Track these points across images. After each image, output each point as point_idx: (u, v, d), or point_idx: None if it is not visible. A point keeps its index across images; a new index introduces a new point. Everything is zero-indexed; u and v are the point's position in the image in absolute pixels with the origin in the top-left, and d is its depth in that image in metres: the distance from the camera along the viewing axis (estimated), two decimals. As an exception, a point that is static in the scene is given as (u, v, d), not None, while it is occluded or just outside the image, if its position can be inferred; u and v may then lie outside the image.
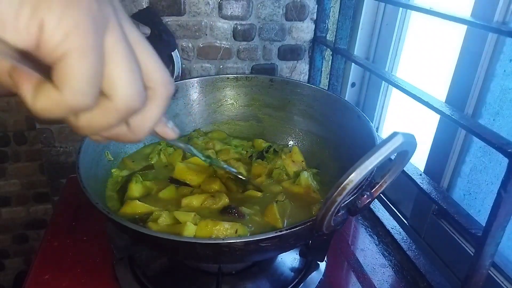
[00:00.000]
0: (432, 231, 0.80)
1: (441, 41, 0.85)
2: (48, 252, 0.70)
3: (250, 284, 0.63)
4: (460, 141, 0.74)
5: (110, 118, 0.25)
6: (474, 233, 0.52)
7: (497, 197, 0.47)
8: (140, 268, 0.65)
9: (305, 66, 1.06)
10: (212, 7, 0.93)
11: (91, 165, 0.61)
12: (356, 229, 0.81)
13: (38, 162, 1.36)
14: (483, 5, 0.66)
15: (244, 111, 0.83)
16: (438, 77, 0.83)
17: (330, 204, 0.40)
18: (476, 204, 0.73)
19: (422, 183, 0.64)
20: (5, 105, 1.26)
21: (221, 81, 0.81)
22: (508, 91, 0.65)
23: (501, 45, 0.65)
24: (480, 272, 0.52)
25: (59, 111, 0.23)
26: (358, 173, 0.37)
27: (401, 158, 0.43)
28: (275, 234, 0.44)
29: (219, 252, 0.45)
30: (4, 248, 1.48)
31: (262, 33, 0.99)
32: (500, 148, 0.47)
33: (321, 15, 0.99)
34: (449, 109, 0.59)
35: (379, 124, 1.06)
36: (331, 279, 0.67)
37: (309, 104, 0.77)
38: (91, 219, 0.77)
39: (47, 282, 0.64)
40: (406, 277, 0.69)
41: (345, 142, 0.69)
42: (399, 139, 0.37)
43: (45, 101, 0.22)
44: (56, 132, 0.97)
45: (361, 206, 0.46)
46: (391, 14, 0.96)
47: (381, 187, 0.46)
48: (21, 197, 1.41)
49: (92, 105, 0.24)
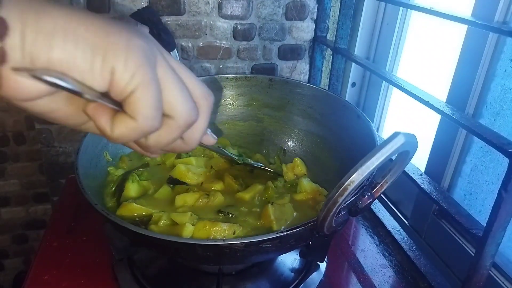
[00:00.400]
0: (433, 231, 0.80)
1: (441, 41, 0.84)
2: (48, 252, 0.70)
3: (250, 285, 0.62)
4: (461, 141, 0.74)
5: (174, 134, 0.30)
6: (475, 233, 0.52)
7: (497, 197, 0.47)
8: (139, 269, 0.64)
9: (305, 66, 1.06)
10: (212, 7, 0.93)
11: (90, 166, 0.60)
12: (356, 229, 0.81)
13: (37, 162, 1.36)
14: (483, 5, 0.66)
15: (244, 111, 0.83)
16: (438, 77, 0.83)
17: (331, 204, 0.40)
18: (477, 204, 0.73)
19: (423, 183, 0.64)
20: (4, 105, 1.26)
21: (220, 81, 0.80)
22: (508, 91, 0.65)
23: (502, 45, 0.65)
24: (480, 273, 0.52)
25: (134, 135, 0.28)
26: (360, 174, 0.37)
27: (402, 158, 0.43)
28: (276, 235, 0.43)
29: (220, 253, 0.45)
30: (3, 248, 1.48)
31: (262, 32, 0.98)
32: (500, 148, 0.47)
33: (321, 14, 0.99)
34: (449, 109, 0.58)
35: (379, 124, 1.05)
36: (331, 279, 0.66)
37: (308, 104, 0.77)
38: (90, 220, 0.77)
39: (47, 282, 0.64)
40: (406, 277, 0.69)
41: (345, 142, 0.69)
42: (401, 139, 0.37)
43: (123, 129, 0.28)
44: (56, 132, 0.97)
45: (362, 206, 0.46)
46: (392, 13, 0.96)
47: (382, 187, 0.46)
48: (20, 197, 1.41)
49: (159, 127, 0.29)
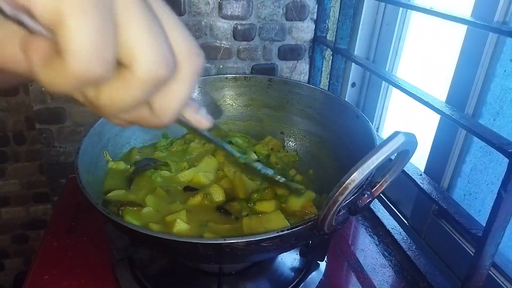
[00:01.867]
0: (432, 231, 0.80)
1: (441, 41, 0.85)
2: (48, 252, 0.70)
3: (250, 284, 0.63)
4: (461, 141, 0.74)
5: (133, 92, 0.22)
6: (474, 233, 0.52)
7: (497, 197, 0.47)
8: (140, 268, 0.64)
9: (305, 66, 1.06)
10: (212, 7, 0.93)
11: (90, 165, 0.60)
12: (356, 229, 0.81)
13: (37, 162, 1.36)
14: (483, 5, 0.66)
15: (243, 111, 0.83)
16: (438, 77, 0.83)
17: (332, 203, 0.40)
18: (476, 204, 0.73)
19: (423, 183, 0.64)
20: (5, 105, 1.26)
21: (220, 81, 0.81)
22: (508, 91, 0.65)
23: (502, 45, 0.65)
24: (480, 272, 0.52)
25: (67, 84, 0.20)
26: (360, 173, 0.37)
27: (402, 158, 0.43)
28: (276, 234, 0.43)
29: (220, 252, 0.45)
30: (3, 248, 1.48)
31: (262, 33, 0.98)
32: (500, 148, 0.47)
33: (321, 15, 0.99)
34: (449, 109, 0.59)
35: (379, 124, 1.06)
36: (331, 279, 0.66)
37: (308, 104, 0.77)
38: (90, 219, 0.77)
39: (47, 282, 0.64)
40: (406, 277, 0.69)
41: (344, 142, 0.69)
42: (401, 138, 0.37)
43: (52, 73, 0.20)
44: (56, 132, 0.97)
45: (361, 205, 0.46)
46: (392, 14, 0.96)
47: (381, 186, 0.46)
48: (20, 197, 1.41)
49: (107, 76, 0.20)
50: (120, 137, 0.71)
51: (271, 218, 0.56)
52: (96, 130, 0.64)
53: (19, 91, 1.25)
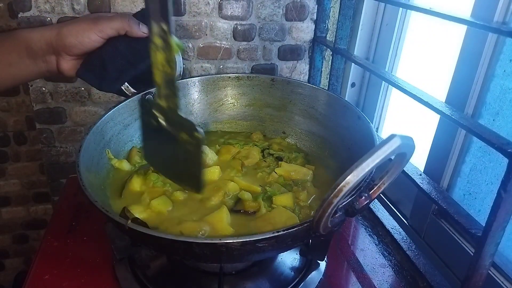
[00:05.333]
0: (432, 231, 0.80)
1: (441, 41, 0.85)
2: (48, 252, 0.70)
3: (250, 284, 0.63)
4: (460, 141, 0.74)
5: None
6: (474, 233, 0.52)
7: (497, 197, 0.47)
8: (140, 268, 0.65)
9: (305, 66, 1.06)
10: (212, 7, 0.93)
11: (91, 164, 0.60)
12: (356, 229, 0.81)
13: (38, 162, 1.36)
14: (483, 5, 0.66)
15: (245, 110, 0.83)
16: (438, 77, 0.83)
17: (326, 205, 0.40)
18: (476, 204, 0.73)
19: (422, 183, 0.64)
20: (5, 105, 1.26)
21: (222, 80, 0.81)
22: (508, 91, 0.65)
23: (501, 45, 0.65)
24: (480, 272, 0.52)
25: None
26: (355, 175, 0.37)
27: (399, 160, 0.43)
28: (272, 234, 0.43)
29: (216, 251, 0.45)
30: (4, 248, 1.48)
31: (262, 33, 0.99)
32: (500, 148, 0.47)
33: (321, 15, 0.99)
34: (449, 109, 0.59)
35: (379, 124, 1.06)
36: (331, 279, 0.67)
37: (309, 104, 0.77)
38: (91, 219, 0.77)
39: (47, 282, 0.64)
40: (406, 277, 0.69)
41: (344, 142, 0.69)
42: (397, 141, 0.37)
43: None
44: (56, 132, 0.97)
45: (359, 207, 0.46)
46: (391, 14, 0.96)
47: (379, 188, 0.46)
48: (21, 197, 1.41)
49: None
50: (122, 135, 0.71)
51: (277, 215, 0.58)
52: (98, 128, 0.64)
53: (19, 91, 1.25)
